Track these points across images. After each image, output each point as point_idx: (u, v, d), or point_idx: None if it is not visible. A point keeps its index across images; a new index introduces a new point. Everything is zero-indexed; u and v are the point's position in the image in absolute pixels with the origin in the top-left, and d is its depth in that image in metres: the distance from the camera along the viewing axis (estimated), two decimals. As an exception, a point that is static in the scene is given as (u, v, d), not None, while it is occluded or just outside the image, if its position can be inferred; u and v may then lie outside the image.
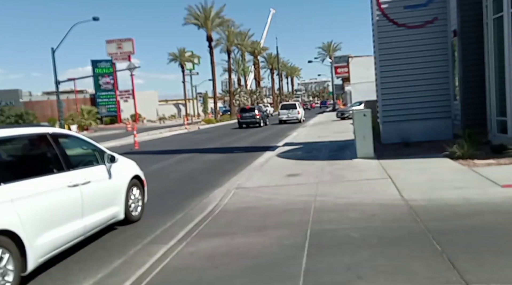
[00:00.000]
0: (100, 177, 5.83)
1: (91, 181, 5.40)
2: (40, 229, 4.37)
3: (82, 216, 5.13)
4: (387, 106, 13.49)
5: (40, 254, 4.35)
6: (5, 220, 3.99)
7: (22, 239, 4.08)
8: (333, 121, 30.30)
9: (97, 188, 5.60)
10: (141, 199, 7.07)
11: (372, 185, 7.41)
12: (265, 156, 13.59)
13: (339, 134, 18.64)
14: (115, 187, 6.20)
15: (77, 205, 5.06)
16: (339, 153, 12.30)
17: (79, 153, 6.06)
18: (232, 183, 9.17)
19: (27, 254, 4.13)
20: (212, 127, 38.21)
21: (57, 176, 4.90)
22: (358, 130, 10.65)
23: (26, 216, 4.19)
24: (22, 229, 4.10)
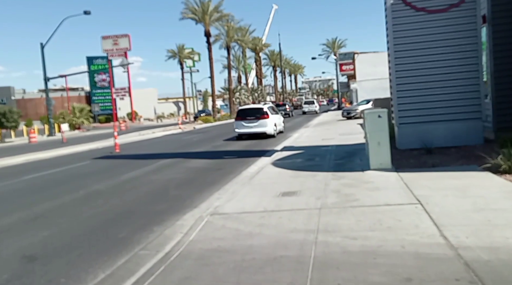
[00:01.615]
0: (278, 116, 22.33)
1: (278, 117, 22.26)
2: (275, 125, 20.80)
3: (279, 125, 22.05)
4: (404, 105, 11.43)
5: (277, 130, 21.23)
6: None
7: None
8: (339, 121, 28.23)
9: (279, 119, 22.42)
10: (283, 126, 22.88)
11: (396, 214, 5.35)
12: (259, 164, 11.56)
13: (346, 136, 16.57)
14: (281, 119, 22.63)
15: (279, 122, 22.55)
16: (347, 162, 10.25)
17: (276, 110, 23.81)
18: (210, 203, 7.15)
19: None
20: (209, 127, 36.21)
21: (278, 115, 22.66)
22: (371, 134, 8.60)
23: (275, 122, 20.85)
24: None
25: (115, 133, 17.80)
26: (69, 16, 36.69)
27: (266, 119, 20.18)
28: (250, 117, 20.30)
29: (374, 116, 8.58)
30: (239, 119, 20.62)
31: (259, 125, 20.08)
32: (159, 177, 10.85)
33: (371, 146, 8.61)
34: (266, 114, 20.31)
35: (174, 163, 13.32)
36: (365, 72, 50.49)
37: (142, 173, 11.71)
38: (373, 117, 8.57)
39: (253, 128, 20.10)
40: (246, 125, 20.20)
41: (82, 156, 17.43)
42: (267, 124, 20.14)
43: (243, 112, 21.00)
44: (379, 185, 7.23)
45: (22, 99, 66.07)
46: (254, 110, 21.18)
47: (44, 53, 38.00)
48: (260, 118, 20.12)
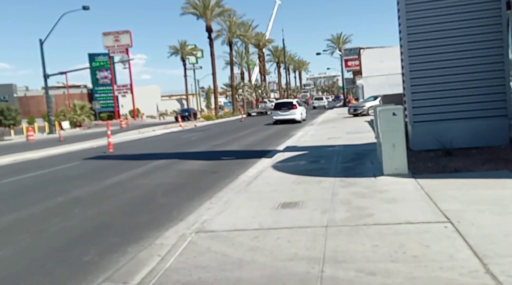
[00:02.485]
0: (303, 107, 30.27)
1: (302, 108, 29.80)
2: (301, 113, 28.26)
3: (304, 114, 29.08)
4: (419, 101, 10.34)
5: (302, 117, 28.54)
6: None
7: None
8: (345, 118, 27.09)
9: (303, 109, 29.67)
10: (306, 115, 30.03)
11: (423, 237, 4.29)
12: (258, 166, 10.52)
13: (354, 135, 15.47)
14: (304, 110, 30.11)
15: (304, 111, 29.31)
16: (356, 165, 9.17)
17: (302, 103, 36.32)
18: (199, 214, 6.13)
19: None
20: (210, 125, 35.19)
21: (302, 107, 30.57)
22: (384, 135, 7.51)
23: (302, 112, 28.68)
24: None
25: (109, 132, 16.81)
26: (68, 12, 35.69)
27: (295, 110, 27.78)
28: (284, 108, 27.99)
29: (387, 114, 7.49)
30: (276, 109, 28.40)
31: (290, 114, 27.51)
32: (148, 181, 9.83)
33: (384, 148, 7.53)
34: (295, 106, 28.11)
35: (168, 165, 12.31)
36: (371, 68, 49.25)
37: (131, 176, 10.70)
38: (387, 116, 7.48)
39: (286, 116, 27.43)
40: (281, 114, 27.68)
41: (73, 155, 16.48)
42: (295, 113, 27.60)
43: (279, 105, 29.00)
44: (396, 195, 6.16)
45: (24, 97, 65.40)
46: (286, 103, 29.31)
47: (44, 49, 37.15)
48: (291, 109, 27.74)
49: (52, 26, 37.52)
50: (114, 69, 61.25)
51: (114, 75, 61.92)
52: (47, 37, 37.00)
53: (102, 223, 6.39)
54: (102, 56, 60.24)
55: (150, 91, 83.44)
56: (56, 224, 6.34)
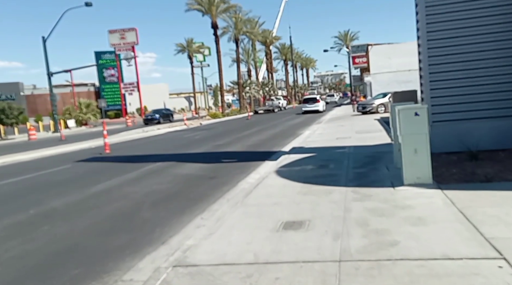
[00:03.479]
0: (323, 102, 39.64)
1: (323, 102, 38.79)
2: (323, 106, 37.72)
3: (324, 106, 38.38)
4: (439, 99, 9.14)
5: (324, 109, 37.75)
6: None
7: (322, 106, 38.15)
8: (353, 116, 25.83)
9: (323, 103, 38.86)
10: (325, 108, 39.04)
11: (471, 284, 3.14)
12: (261, 170, 9.41)
13: (364, 135, 14.27)
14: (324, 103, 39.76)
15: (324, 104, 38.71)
16: (370, 170, 8.00)
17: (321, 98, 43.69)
18: (184, 236, 5.05)
19: None
20: (216, 123, 34.10)
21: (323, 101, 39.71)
22: (405, 138, 6.34)
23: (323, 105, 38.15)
24: None
25: (105, 132, 15.78)
26: (71, 8, 34.83)
27: (318, 103, 37.19)
28: (310, 102, 37.48)
29: (408, 113, 6.31)
30: (304, 103, 38.04)
31: (315, 106, 36.58)
32: (139, 188, 8.76)
33: (405, 154, 6.35)
34: (318, 100, 37.81)
35: (164, 168, 11.24)
36: (379, 64, 47.69)
37: (121, 182, 9.65)
38: (408, 116, 6.30)
39: (312, 107, 36.48)
40: (308, 106, 36.87)
41: (67, 157, 15.51)
42: (318, 106, 36.72)
43: (307, 99, 38.75)
44: (423, 212, 5.00)
45: (31, 95, 64.88)
46: (312, 98, 38.97)
47: (47, 47, 36.32)
48: (315, 102, 37.18)
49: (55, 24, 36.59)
50: (120, 67, 60.41)
51: (121, 73, 61.09)
52: (50, 34, 36.28)
53: (68, 246, 5.32)
54: (109, 54, 59.41)
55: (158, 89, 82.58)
56: (12, 248, 5.28)
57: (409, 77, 48.17)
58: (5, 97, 55.51)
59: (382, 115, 24.19)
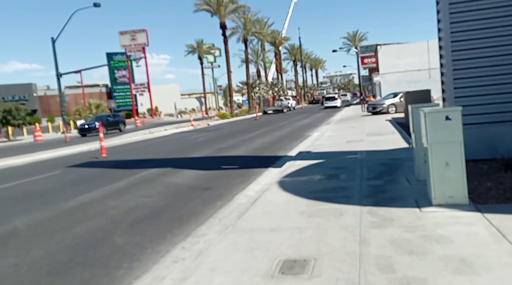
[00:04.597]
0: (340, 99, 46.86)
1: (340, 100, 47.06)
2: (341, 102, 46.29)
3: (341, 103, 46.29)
4: (464, 99, 7.73)
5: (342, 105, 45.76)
6: None
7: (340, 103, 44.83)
8: (363, 117, 24.39)
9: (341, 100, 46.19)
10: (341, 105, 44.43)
11: None
12: (262, 180, 8.14)
13: (377, 138, 12.89)
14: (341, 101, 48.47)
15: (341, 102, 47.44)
16: (387, 183, 6.66)
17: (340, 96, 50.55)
18: (152, 278, 3.80)
19: None
20: (223, 124, 32.88)
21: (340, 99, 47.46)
22: (434, 148, 4.99)
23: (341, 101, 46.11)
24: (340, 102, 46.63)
25: (101, 135, 14.61)
26: (79, 9, 34.05)
27: (337, 100, 44.05)
28: (330, 99, 44.39)
29: (437, 117, 4.96)
30: (326, 100, 44.69)
31: (334, 103, 43.20)
32: (122, 202, 7.55)
33: (433, 167, 5.01)
34: (336, 98, 44.64)
35: (158, 176, 10.04)
36: (388, 64, 46.02)
37: (106, 193, 8.44)
38: (437, 120, 4.95)
39: (331, 104, 43.10)
40: (328, 103, 43.49)
41: (62, 161, 14.43)
42: (337, 102, 43.46)
43: (327, 98, 45.44)
44: (466, 250, 3.67)
45: (45, 96, 64.55)
46: (331, 97, 45.60)
47: (56, 48, 35.52)
48: (334, 100, 44.07)
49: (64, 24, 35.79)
50: (131, 68, 59.66)
51: (132, 74, 60.33)
52: (59, 35, 35.36)
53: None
54: (120, 55, 58.68)
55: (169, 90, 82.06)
56: None
57: (418, 77, 46.52)
58: (18, 98, 55.21)
59: (393, 116, 22.72)
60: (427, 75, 42.89)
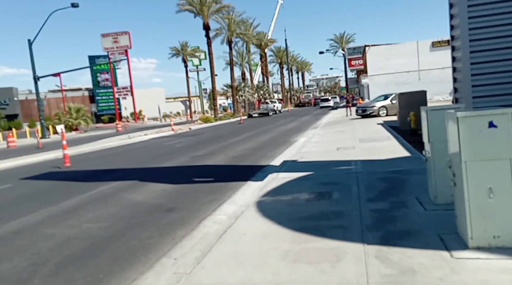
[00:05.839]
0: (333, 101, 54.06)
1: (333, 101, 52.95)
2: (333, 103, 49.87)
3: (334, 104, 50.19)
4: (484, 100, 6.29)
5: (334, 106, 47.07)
6: None
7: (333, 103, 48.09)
8: (352, 120, 23.02)
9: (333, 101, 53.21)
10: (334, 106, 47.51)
11: None
12: (238, 199, 6.57)
13: (370, 145, 11.43)
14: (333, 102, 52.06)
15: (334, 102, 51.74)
16: (394, 207, 5.15)
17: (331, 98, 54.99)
18: None
19: None
20: (206, 128, 31.21)
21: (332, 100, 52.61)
22: (471, 168, 3.48)
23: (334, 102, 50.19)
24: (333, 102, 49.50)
25: (64, 142, 12.81)
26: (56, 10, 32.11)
27: (330, 101, 50.30)
28: (324, 100, 51.96)
29: (477, 124, 3.46)
30: (321, 102, 52.01)
31: (328, 103, 49.40)
32: (59, 230, 5.89)
33: (471, 195, 3.50)
34: (330, 100, 51.58)
35: (117, 191, 8.37)
36: (377, 66, 44.97)
37: (46, 216, 6.76)
38: (475, 127, 3.45)
39: (325, 104, 49.07)
40: (323, 103, 49.98)
41: (21, 171, 12.64)
42: (330, 103, 49.01)
43: (322, 99, 54.37)
44: None
45: (26, 100, 61.88)
46: (325, 98, 54.07)
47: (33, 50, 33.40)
48: (328, 101, 50.77)
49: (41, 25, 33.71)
50: (114, 71, 57.52)
51: (115, 77, 58.18)
52: (36, 36, 33.49)
53: None
54: (103, 58, 56.48)
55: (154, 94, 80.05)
56: None
57: (407, 78, 45.57)
58: (-1, 102, 52.58)
59: (384, 119, 21.39)
60: (417, 77, 41.95)
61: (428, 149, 5.08)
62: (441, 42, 42.31)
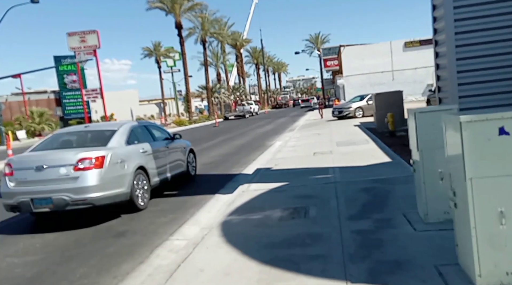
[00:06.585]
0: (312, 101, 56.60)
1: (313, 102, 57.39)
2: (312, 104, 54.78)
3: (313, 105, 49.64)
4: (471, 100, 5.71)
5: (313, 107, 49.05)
6: None
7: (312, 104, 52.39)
8: (329, 122, 22.52)
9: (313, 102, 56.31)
10: None
11: None
12: (202, 219, 5.79)
13: (348, 149, 10.81)
14: None
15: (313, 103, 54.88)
16: (380, 228, 4.46)
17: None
18: None
19: None
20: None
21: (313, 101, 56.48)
22: (478, 188, 2.79)
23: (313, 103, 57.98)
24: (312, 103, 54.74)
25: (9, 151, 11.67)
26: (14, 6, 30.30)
27: (310, 102, 56.66)
28: (305, 101, 61.10)
29: (484, 131, 2.77)
30: (302, 102, 61.94)
31: (308, 103, 55.90)
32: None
33: (478, 221, 2.81)
34: (310, 101, 58.98)
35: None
36: (352, 66, 44.93)
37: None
38: (483, 136, 2.77)
39: (306, 104, 56.52)
40: (304, 104, 58.23)
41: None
42: (311, 103, 53.43)
43: (303, 100, 63.96)
44: None
45: (-15, 105, 58.77)
46: (306, 99, 63.04)
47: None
48: (308, 101, 58.92)
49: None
50: (82, 73, 55.32)
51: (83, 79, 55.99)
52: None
53: None
54: (69, 59, 54.10)
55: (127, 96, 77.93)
56: None
57: (382, 79, 45.73)
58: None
59: (361, 120, 20.99)
60: (391, 77, 42.12)
61: (416, 158, 4.41)
62: (413, 42, 42.64)
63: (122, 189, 6.22)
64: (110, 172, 6.08)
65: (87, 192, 5.83)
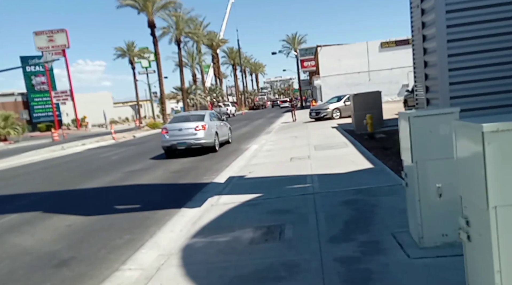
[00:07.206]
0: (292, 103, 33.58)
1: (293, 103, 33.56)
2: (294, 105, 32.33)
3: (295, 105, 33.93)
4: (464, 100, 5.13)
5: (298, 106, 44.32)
6: None
7: None
8: (306, 123, 21.95)
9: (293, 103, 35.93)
10: None
11: None
12: (162, 242, 5.03)
13: (327, 153, 10.16)
14: None
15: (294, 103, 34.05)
16: (367, 255, 3.75)
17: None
18: None
19: None
20: (152, 135, 28.93)
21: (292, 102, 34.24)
22: (505, 220, 2.10)
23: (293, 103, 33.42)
24: None
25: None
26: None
27: (290, 102, 38.27)
28: (284, 102, 63.31)
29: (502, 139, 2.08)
30: (282, 103, 65.75)
31: (286, 104, 59.02)
32: None
33: (504, 261, 2.12)
34: (289, 101, 47.48)
35: (5, 231, 6.42)
36: (329, 67, 44.70)
37: None
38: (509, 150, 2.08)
39: (285, 105, 59.87)
40: (284, 104, 61.95)
41: None
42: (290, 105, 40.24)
43: (283, 101, 66.88)
44: None
45: None
46: (286, 100, 63.11)
47: None
48: (287, 102, 60.30)
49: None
50: (51, 74, 53.16)
51: (52, 81, 53.80)
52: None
53: None
54: (37, 59, 51.89)
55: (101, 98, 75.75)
56: None
57: (358, 79, 45.69)
58: None
59: (339, 122, 20.51)
60: (367, 77, 42.09)
61: (410, 170, 3.74)
62: (389, 43, 42.79)
63: (212, 140, 13.51)
64: (207, 132, 13.35)
65: (200, 140, 13.11)
